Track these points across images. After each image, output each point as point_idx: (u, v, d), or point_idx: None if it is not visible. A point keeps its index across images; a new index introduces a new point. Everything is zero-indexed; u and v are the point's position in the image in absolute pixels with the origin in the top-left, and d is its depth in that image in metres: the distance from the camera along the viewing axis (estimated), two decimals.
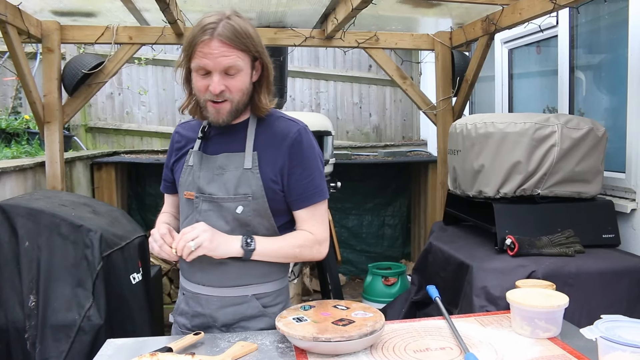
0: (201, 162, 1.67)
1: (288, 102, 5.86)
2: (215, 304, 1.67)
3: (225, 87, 1.55)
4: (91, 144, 5.72)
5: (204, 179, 1.64)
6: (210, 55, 1.50)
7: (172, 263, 4.86)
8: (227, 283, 1.65)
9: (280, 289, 1.73)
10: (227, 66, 1.52)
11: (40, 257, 2.45)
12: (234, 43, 1.51)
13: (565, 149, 2.57)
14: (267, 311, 1.68)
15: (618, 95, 3.05)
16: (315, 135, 3.72)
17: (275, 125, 1.67)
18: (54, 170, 3.46)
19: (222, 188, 1.61)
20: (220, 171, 1.63)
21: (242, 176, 1.60)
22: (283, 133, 1.64)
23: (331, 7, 3.35)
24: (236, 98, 1.58)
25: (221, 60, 1.51)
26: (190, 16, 3.46)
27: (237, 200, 1.60)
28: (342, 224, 5.76)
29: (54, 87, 3.47)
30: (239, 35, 1.52)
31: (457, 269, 2.66)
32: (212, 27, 1.50)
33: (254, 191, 1.59)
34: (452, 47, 3.90)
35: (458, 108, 3.92)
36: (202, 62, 1.52)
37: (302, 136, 1.64)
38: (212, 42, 1.50)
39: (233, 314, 1.67)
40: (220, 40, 1.50)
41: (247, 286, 1.65)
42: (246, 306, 1.66)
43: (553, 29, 3.56)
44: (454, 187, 3.11)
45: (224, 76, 1.54)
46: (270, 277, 1.69)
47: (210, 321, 1.68)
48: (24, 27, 3.11)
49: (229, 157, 1.63)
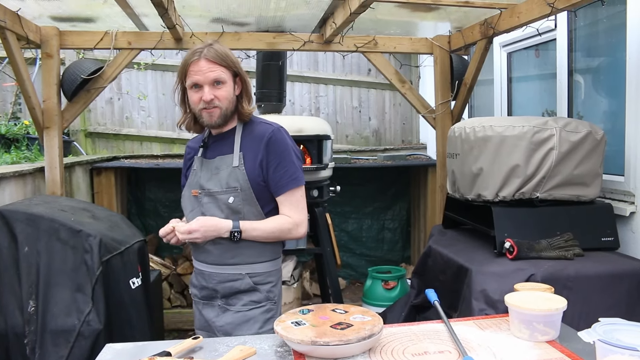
0: (202, 165, 2.10)
1: (287, 107, 5.87)
2: (215, 279, 2.06)
3: (214, 96, 1.97)
4: (91, 149, 5.73)
5: (204, 178, 2.06)
6: (200, 72, 1.95)
7: (172, 268, 4.86)
8: (224, 262, 2.04)
9: (270, 271, 2.08)
10: (214, 78, 1.96)
11: (39, 262, 2.46)
12: (217, 60, 1.96)
13: (564, 152, 2.57)
14: (258, 287, 2.05)
15: (616, 99, 3.05)
16: (315, 139, 3.77)
17: (256, 129, 2.06)
18: (54, 176, 3.47)
19: (218, 184, 2.02)
20: (216, 171, 2.04)
21: (231, 173, 2.00)
22: (260, 134, 2.03)
23: (330, 11, 3.36)
24: (224, 105, 2.00)
25: (209, 74, 1.95)
26: (189, 21, 3.47)
27: (229, 192, 1.99)
28: (342, 228, 5.76)
29: (53, 93, 3.48)
30: (220, 55, 1.97)
31: (456, 273, 2.66)
32: (199, 51, 1.96)
33: (242, 184, 1.99)
34: (451, 50, 3.91)
35: (457, 112, 3.93)
36: (194, 78, 1.96)
37: (275, 135, 2.02)
38: (201, 61, 1.95)
39: (230, 288, 2.05)
40: (207, 59, 1.95)
41: (241, 265, 2.03)
42: (240, 282, 2.04)
43: (551, 33, 3.56)
44: (453, 191, 3.11)
45: (213, 87, 1.97)
46: (261, 259, 2.05)
47: (213, 293, 2.09)
48: (23, 32, 3.12)
49: (222, 159, 2.05)
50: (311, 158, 3.77)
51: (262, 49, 3.86)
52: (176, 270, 4.91)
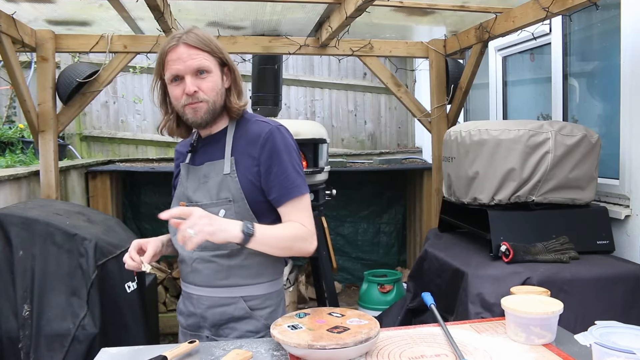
0: (188, 173, 1.78)
1: (283, 110, 5.87)
2: (204, 303, 1.74)
3: (198, 88, 1.64)
4: (86, 153, 5.71)
5: (191, 189, 1.75)
6: (180, 60, 1.62)
7: (167, 272, 4.85)
8: (215, 283, 1.72)
9: (269, 293, 1.77)
10: (197, 67, 1.63)
11: (34, 266, 2.44)
12: (199, 45, 1.64)
13: (559, 155, 2.58)
14: (254, 314, 1.73)
15: (611, 102, 3.07)
16: (310, 143, 3.77)
17: (251, 129, 1.74)
18: (49, 179, 3.45)
19: (207, 195, 1.70)
20: (204, 179, 1.73)
21: (222, 182, 1.68)
22: (256, 134, 1.70)
23: (325, 15, 3.37)
24: (211, 98, 1.67)
25: (190, 63, 1.62)
26: (185, 24, 3.46)
27: (220, 205, 1.67)
28: (338, 232, 5.76)
29: (48, 96, 3.47)
30: (202, 39, 1.65)
31: (452, 276, 2.66)
32: (177, 36, 1.65)
33: (234, 195, 1.67)
34: (446, 54, 3.92)
35: (452, 115, 3.94)
36: (174, 68, 1.63)
37: (274, 135, 1.69)
38: (179, 47, 1.63)
39: (220, 315, 1.73)
40: (186, 44, 1.63)
41: (235, 287, 1.71)
42: (233, 307, 1.72)
43: (546, 37, 3.58)
44: (448, 194, 3.12)
45: (196, 78, 1.64)
46: (259, 279, 1.74)
47: (201, 321, 1.77)
48: (18, 36, 3.11)
49: (210, 166, 1.73)
50: (307, 162, 3.78)
51: (257, 52, 3.86)
52: (172, 274, 4.90)
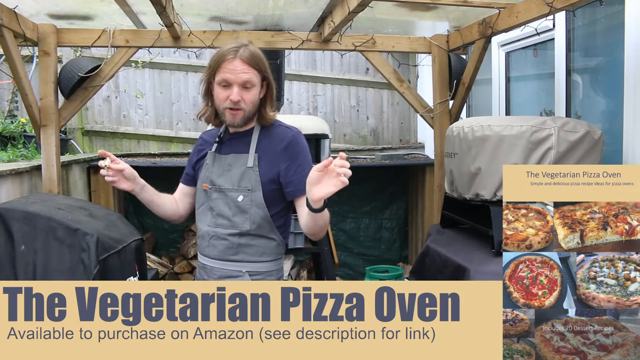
0: (214, 160, 2.09)
1: (285, 105, 5.87)
2: (216, 273, 2.06)
3: (241, 98, 1.95)
4: (88, 147, 5.72)
5: (215, 174, 2.06)
6: (234, 71, 1.92)
7: (169, 267, 4.85)
8: (227, 257, 2.03)
9: (270, 271, 2.06)
10: (246, 80, 1.93)
11: (36, 261, 2.44)
12: (252, 63, 1.94)
13: (562, 151, 2.57)
14: None
15: (614, 98, 3.06)
16: (312, 138, 3.77)
17: (275, 132, 2.05)
18: (50, 174, 3.45)
19: (229, 181, 2.02)
20: (228, 168, 2.04)
21: (245, 173, 2.00)
22: (280, 138, 2.03)
23: (328, 10, 3.35)
24: (248, 108, 1.98)
25: (242, 75, 1.93)
26: (187, 19, 3.46)
27: (239, 191, 2.00)
28: (340, 227, 5.76)
29: (50, 91, 3.46)
30: (255, 58, 1.96)
31: (454, 272, 2.66)
32: (235, 50, 1.93)
33: (253, 185, 1.99)
34: (449, 50, 3.91)
35: (455, 111, 3.93)
36: (226, 76, 1.93)
37: (296, 139, 2.03)
38: (235, 61, 1.92)
39: None
40: (242, 60, 1.93)
41: (242, 262, 2.02)
42: (239, 279, 2.02)
43: (550, 32, 3.57)
44: (451, 190, 3.11)
45: (242, 89, 1.94)
46: (263, 258, 2.04)
47: None
48: (20, 30, 3.10)
49: (236, 157, 2.04)
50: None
51: (260, 47, 3.84)
52: (173, 269, 4.91)
